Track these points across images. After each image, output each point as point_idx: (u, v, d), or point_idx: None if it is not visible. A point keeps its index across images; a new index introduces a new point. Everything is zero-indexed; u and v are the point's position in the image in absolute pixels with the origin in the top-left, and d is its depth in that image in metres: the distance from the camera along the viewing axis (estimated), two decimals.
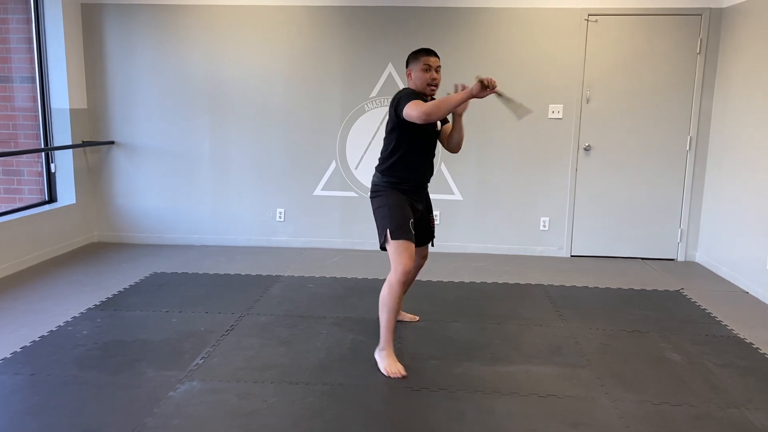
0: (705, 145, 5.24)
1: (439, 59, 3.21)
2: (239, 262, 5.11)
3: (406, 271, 3.04)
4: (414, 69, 3.17)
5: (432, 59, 3.15)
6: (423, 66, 3.13)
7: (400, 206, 3.13)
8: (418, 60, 3.15)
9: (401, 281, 3.05)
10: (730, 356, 3.36)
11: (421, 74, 3.14)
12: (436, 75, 3.15)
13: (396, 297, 3.06)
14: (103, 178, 5.69)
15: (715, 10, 5.06)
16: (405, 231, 3.08)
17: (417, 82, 3.17)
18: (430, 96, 3.20)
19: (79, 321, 3.75)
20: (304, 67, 5.44)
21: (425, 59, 3.14)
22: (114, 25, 5.46)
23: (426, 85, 3.15)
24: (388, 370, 3.06)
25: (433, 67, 3.15)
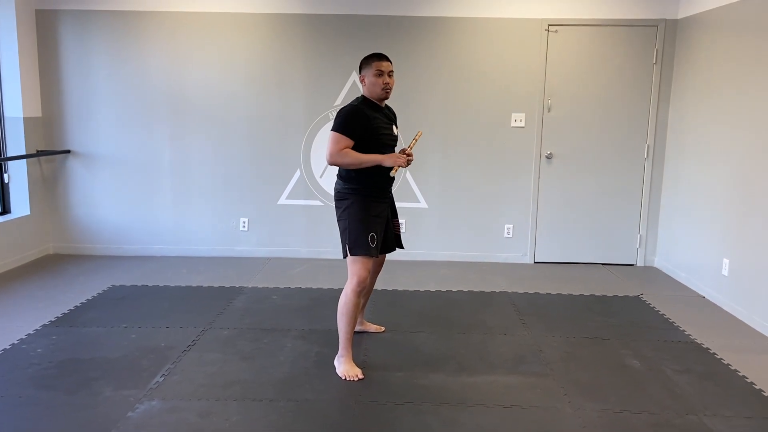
0: (662, 153, 5.36)
1: (392, 64, 3.22)
2: (201, 274, 5.02)
3: (361, 282, 3.14)
4: (367, 74, 3.19)
5: (384, 64, 3.17)
6: (375, 71, 3.16)
7: (360, 220, 3.16)
8: (370, 66, 3.18)
9: (356, 291, 3.15)
10: (688, 362, 3.43)
11: (374, 80, 3.17)
12: (389, 80, 3.18)
13: (353, 306, 3.15)
14: (59, 188, 5.53)
15: (670, 21, 5.20)
16: (362, 246, 3.14)
17: (371, 87, 3.20)
18: (384, 100, 3.26)
19: (33, 338, 3.62)
20: (267, 74, 5.39)
21: (377, 64, 3.16)
22: (70, 32, 5.32)
23: (380, 90, 3.18)
24: (346, 374, 3.15)
25: (386, 72, 3.17)
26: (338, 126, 3.10)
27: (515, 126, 5.39)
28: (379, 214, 3.25)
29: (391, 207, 3.43)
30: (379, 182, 3.22)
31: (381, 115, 3.24)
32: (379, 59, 3.18)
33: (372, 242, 3.17)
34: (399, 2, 5.26)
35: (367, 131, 3.12)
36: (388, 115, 3.35)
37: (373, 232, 3.18)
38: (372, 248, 3.17)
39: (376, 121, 3.17)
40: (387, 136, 3.24)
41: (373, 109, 3.20)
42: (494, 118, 5.39)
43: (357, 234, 3.15)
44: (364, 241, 3.14)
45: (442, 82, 5.35)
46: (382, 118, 3.24)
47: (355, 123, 3.10)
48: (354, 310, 3.16)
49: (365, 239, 3.15)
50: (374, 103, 3.23)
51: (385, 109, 3.32)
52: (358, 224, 3.16)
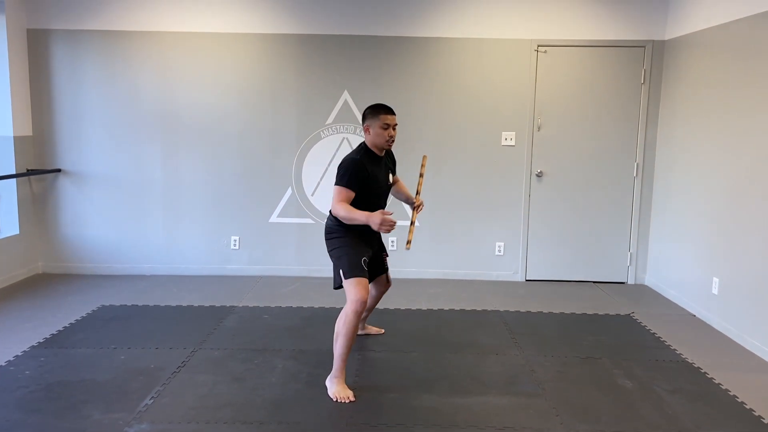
0: (651, 171, 5.41)
1: (396, 116, 3.41)
2: (192, 293, 4.99)
3: (361, 302, 3.19)
4: (372, 126, 3.35)
5: (390, 118, 3.36)
6: (382, 124, 3.34)
7: (353, 246, 3.35)
8: (377, 118, 3.35)
9: (358, 312, 3.18)
10: (679, 381, 3.44)
11: (380, 131, 3.34)
12: (393, 132, 3.37)
13: (352, 327, 3.18)
14: (48, 207, 5.50)
15: (657, 43, 5.27)
16: (358, 269, 3.28)
17: (375, 138, 3.36)
18: (382, 152, 3.45)
19: (21, 360, 3.58)
20: (258, 94, 5.41)
21: (384, 118, 3.34)
22: (61, 51, 5.33)
23: (384, 142, 3.37)
24: (337, 396, 3.16)
25: (392, 125, 3.36)
26: (341, 180, 3.27)
27: (506, 144, 5.43)
28: (366, 245, 3.45)
29: (379, 244, 3.66)
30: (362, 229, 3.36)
31: (380, 166, 3.43)
32: (387, 112, 3.36)
33: (365, 265, 3.34)
34: (390, 23, 5.31)
35: (364, 183, 3.30)
36: (387, 163, 3.54)
37: (365, 257, 3.37)
38: (366, 270, 3.33)
39: (374, 174, 3.35)
40: (380, 187, 3.44)
41: (373, 161, 3.38)
42: (485, 137, 5.43)
43: (351, 258, 3.30)
44: (358, 263, 3.30)
45: (433, 102, 5.39)
46: (381, 169, 3.43)
47: (355, 176, 3.26)
48: (353, 332, 3.19)
49: (359, 261, 3.31)
50: (374, 153, 3.40)
51: (384, 158, 3.50)
52: (351, 249, 3.33)
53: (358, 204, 3.28)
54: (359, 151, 3.38)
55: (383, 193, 3.50)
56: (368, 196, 3.34)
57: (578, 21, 5.28)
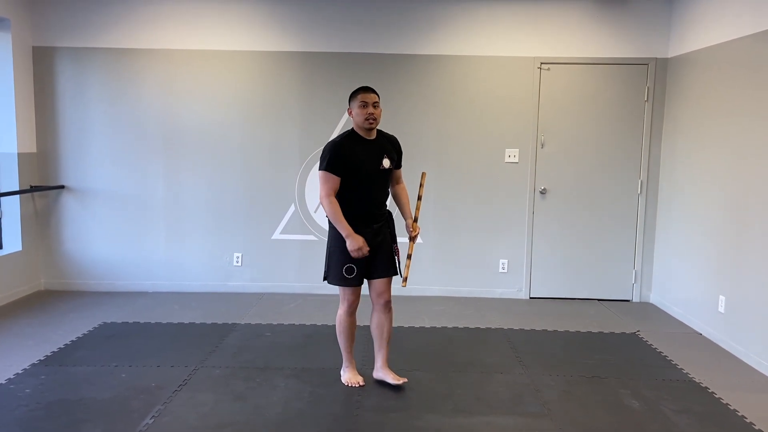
0: (655, 189, 5.39)
1: (378, 96, 3.32)
2: (194, 310, 4.96)
3: (350, 306, 3.42)
4: (353, 107, 3.30)
5: (368, 95, 3.27)
6: (360, 103, 3.27)
7: (337, 249, 3.35)
8: (356, 98, 3.29)
9: (348, 312, 3.44)
10: (686, 402, 3.39)
11: (358, 110, 3.27)
12: (372, 110, 3.26)
13: (347, 324, 3.45)
14: (51, 223, 5.49)
15: (660, 60, 5.28)
16: (336, 277, 3.37)
17: (356, 118, 3.30)
18: (369, 130, 3.32)
19: (21, 378, 3.55)
20: (262, 111, 5.42)
21: (362, 96, 3.27)
22: (66, 69, 5.36)
23: (363, 120, 3.27)
24: (348, 381, 3.49)
25: (370, 103, 3.26)
26: (322, 163, 3.26)
27: (509, 161, 5.43)
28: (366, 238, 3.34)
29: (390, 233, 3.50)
30: (359, 215, 3.34)
31: (368, 148, 3.31)
32: (364, 91, 3.29)
33: (349, 273, 3.34)
34: (393, 41, 5.33)
35: (347, 166, 3.24)
36: (383, 146, 3.38)
37: (351, 263, 3.33)
38: (350, 279, 3.35)
39: (357, 155, 3.26)
40: (371, 171, 3.31)
41: (359, 142, 3.30)
42: (488, 154, 5.42)
43: (333, 264, 3.38)
44: (338, 272, 3.35)
45: (436, 119, 5.40)
46: (369, 153, 3.31)
47: (335, 158, 3.23)
48: (348, 329, 3.45)
49: (340, 270, 3.35)
50: (360, 136, 3.32)
51: (378, 141, 3.38)
52: (334, 255, 3.37)
53: (346, 192, 3.27)
54: (342, 134, 3.36)
55: (375, 181, 3.33)
56: (356, 182, 3.27)
57: (581, 39, 5.30)
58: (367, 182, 3.31)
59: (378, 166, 3.33)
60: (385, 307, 3.47)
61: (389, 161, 3.37)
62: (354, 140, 3.30)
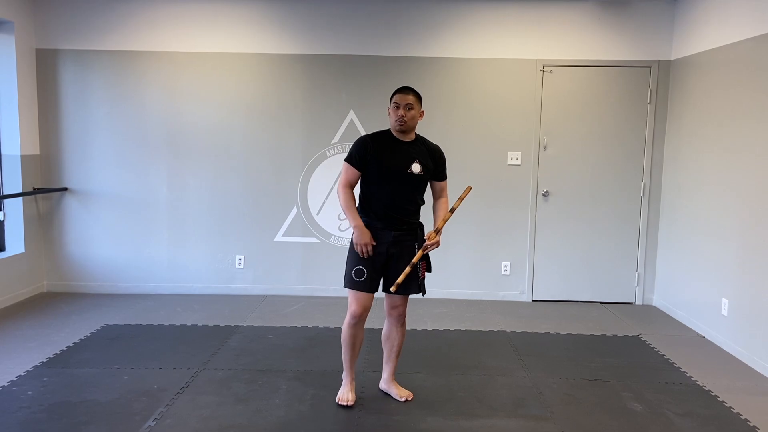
0: (658, 191, 5.38)
1: (414, 95, 3.20)
2: (196, 312, 4.97)
3: (353, 316, 3.20)
4: (390, 107, 3.23)
5: (400, 96, 3.18)
6: (393, 104, 3.19)
7: (353, 255, 3.21)
8: (391, 98, 3.23)
9: (350, 324, 3.22)
10: (690, 405, 3.38)
11: (391, 111, 3.21)
12: (403, 113, 3.14)
13: (348, 337, 3.24)
14: (54, 225, 5.50)
15: (663, 63, 5.28)
16: (350, 281, 3.21)
17: (390, 119, 3.23)
18: (401, 132, 3.20)
19: (24, 380, 3.55)
20: (264, 113, 5.43)
21: (396, 97, 3.20)
22: (69, 71, 5.37)
23: (394, 122, 3.19)
24: (339, 398, 3.30)
25: (402, 105, 3.15)
26: (347, 155, 3.23)
27: (511, 164, 5.42)
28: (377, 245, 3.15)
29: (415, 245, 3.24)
30: (376, 215, 3.17)
31: (398, 149, 3.17)
32: (399, 92, 3.20)
33: (358, 276, 3.15)
34: (396, 43, 5.33)
35: (369, 162, 3.16)
36: (418, 150, 3.20)
37: (362, 266, 3.15)
38: (358, 282, 3.15)
39: (383, 153, 3.14)
40: (396, 172, 3.14)
41: (390, 141, 3.20)
42: (490, 156, 5.42)
43: (348, 268, 3.24)
44: (348, 273, 3.22)
45: (440, 121, 5.40)
46: (399, 152, 3.16)
47: (356, 151, 3.19)
48: (350, 341, 3.24)
49: (350, 272, 3.21)
50: (393, 135, 3.22)
51: (414, 144, 3.22)
52: (349, 256, 3.25)
53: (368, 187, 3.20)
54: (379, 130, 3.28)
55: (399, 182, 3.15)
56: (378, 179, 3.15)
57: (584, 41, 5.30)
58: (390, 182, 3.15)
59: (405, 168, 3.15)
60: (398, 320, 3.32)
61: (420, 167, 3.17)
62: (385, 138, 3.21)
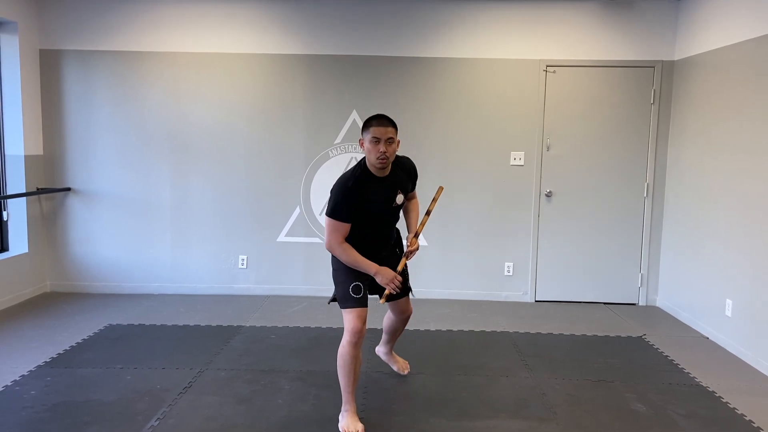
0: (662, 192, 5.37)
1: (394, 127, 2.93)
2: (199, 312, 4.97)
3: (355, 333, 2.99)
4: (365, 140, 2.92)
5: (380, 130, 2.87)
6: (372, 138, 2.88)
7: (344, 271, 3.08)
8: (368, 130, 2.90)
9: (352, 343, 2.99)
10: (693, 406, 3.37)
11: (370, 146, 2.89)
12: (385, 148, 2.86)
13: (350, 358, 2.99)
14: (57, 225, 5.51)
15: (667, 63, 5.27)
16: (347, 300, 3.05)
17: (368, 155, 2.93)
18: (380, 169, 2.96)
19: (27, 380, 3.56)
20: (267, 113, 5.43)
21: (375, 131, 2.87)
22: (73, 71, 5.38)
23: (375, 159, 2.89)
24: (345, 429, 2.98)
25: (383, 139, 2.86)
26: (330, 210, 2.92)
27: (514, 164, 5.41)
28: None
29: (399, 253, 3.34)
30: (365, 244, 3.08)
31: (381, 187, 3.00)
32: (378, 124, 2.88)
33: (356, 292, 3.04)
34: (399, 43, 5.33)
35: (357, 211, 2.94)
36: (397, 181, 3.08)
37: (358, 281, 3.05)
38: (357, 299, 3.03)
39: (368, 197, 2.95)
40: (383, 210, 3.06)
41: (371, 181, 2.96)
42: (493, 157, 5.41)
43: (342, 288, 3.07)
44: (347, 293, 3.05)
45: (442, 121, 5.39)
46: (383, 191, 3.01)
47: (344, 205, 2.90)
48: (352, 363, 2.98)
49: (348, 291, 3.05)
50: (372, 173, 2.97)
51: (391, 176, 3.05)
52: (344, 277, 3.08)
53: (356, 227, 2.98)
54: (354, 172, 2.95)
55: (385, 217, 3.11)
56: (365, 221, 3.00)
57: (587, 41, 5.29)
58: (377, 220, 3.06)
59: (390, 204, 3.06)
60: (406, 320, 3.53)
61: (403, 196, 3.11)
62: (366, 179, 2.94)
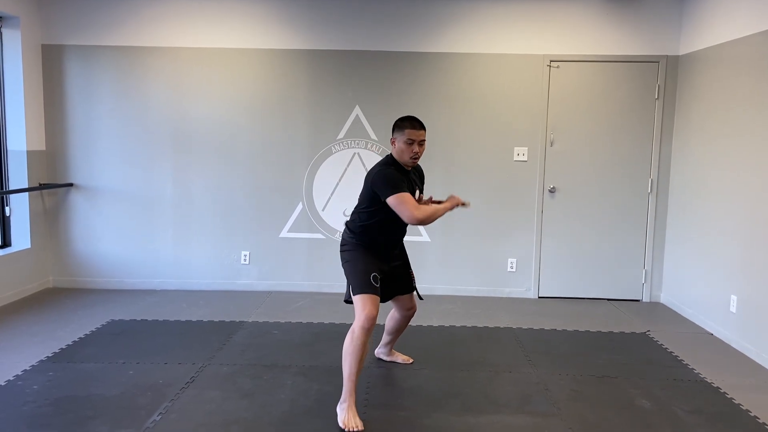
0: (666, 188, 5.34)
1: (425, 131, 3.21)
2: (202, 308, 4.96)
3: (369, 318, 3.03)
4: (398, 140, 3.18)
5: (417, 133, 3.15)
6: (407, 140, 3.14)
7: (363, 260, 3.22)
8: (403, 132, 3.16)
9: (364, 328, 3.01)
10: (698, 402, 3.35)
11: (404, 146, 3.16)
12: (418, 149, 3.16)
13: (360, 344, 3.01)
14: (60, 221, 5.51)
15: (671, 58, 5.23)
16: (366, 285, 3.13)
17: (399, 153, 3.19)
18: (411, 167, 3.25)
19: (29, 375, 3.55)
20: (270, 109, 5.42)
21: (410, 133, 3.15)
22: (75, 66, 5.37)
23: (408, 158, 3.18)
24: (346, 424, 2.96)
25: (417, 141, 3.15)
26: (395, 188, 3.04)
27: (518, 160, 5.39)
28: (380, 260, 3.29)
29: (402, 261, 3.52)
30: (381, 242, 3.30)
31: (407, 179, 3.23)
32: (413, 127, 3.16)
33: (375, 282, 3.16)
34: (402, 38, 5.31)
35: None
36: (414, 179, 3.33)
37: (375, 272, 3.19)
38: (376, 287, 3.15)
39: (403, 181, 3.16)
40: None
41: (401, 173, 3.19)
42: (497, 152, 5.39)
43: (360, 274, 3.17)
44: (366, 279, 3.15)
45: (445, 117, 5.37)
46: (408, 182, 3.22)
47: (400, 179, 3.09)
48: (361, 350, 3.00)
49: (368, 278, 3.15)
50: (401, 166, 3.22)
51: (411, 173, 3.31)
52: (360, 265, 3.20)
53: (379, 222, 3.19)
54: (386, 162, 3.22)
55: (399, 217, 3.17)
56: (390, 211, 3.09)
57: (591, 36, 5.26)
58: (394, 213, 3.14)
59: (413, 195, 3.24)
60: (410, 317, 3.64)
61: (418, 192, 3.34)
62: (398, 170, 3.18)
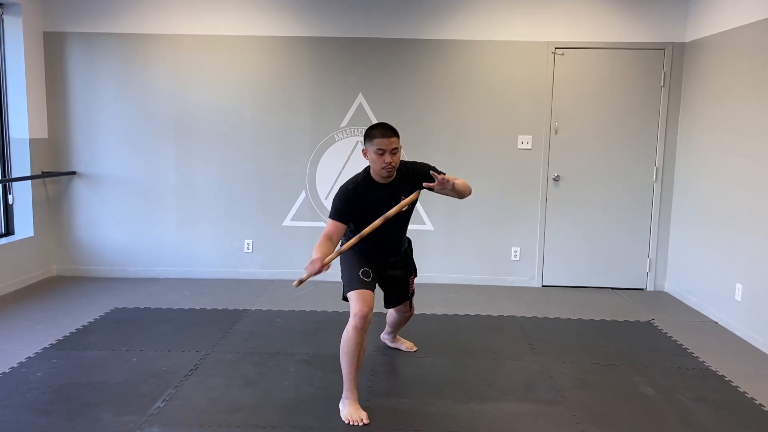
0: (671, 176, 5.31)
1: (397, 136, 2.95)
2: (205, 296, 4.96)
3: (362, 317, 2.93)
4: (369, 150, 2.97)
5: (386, 141, 2.90)
6: (377, 149, 2.91)
7: (352, 260, 3.15)
8: (372, 142, 2.93)
9: (358, 328, 2.93)
10: (703, 390, 3.34)
11: (374, 157, 2.94)
12: (390, 158, 2.91)
13: (354, 344, 2.94)
14: (63, 209, 5.50)
15: (677, 45, 5.19)
16: (356, 282, 3.06)
17: (372, 165, 3.00)
18: (387, 179, 3.03)
19: (33, 362, 3.56)
20: (273, 97, 5.39)
21: (379, 142, 2.90)
22: (77, 54, 5.34)
23: (380, 169, 2.95)
24: (349, 418, 2.92)
25: (388, 150, 2.90)
26: (332, 210, 3.03)
27: (522, 148, 5.36)
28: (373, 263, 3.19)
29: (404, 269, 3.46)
30: (370, 251, 3.18)
31: (382, 194, 3.03)
32: (382, 135, 2.90)
33: (366, 276, 3.08)
34: (405, 25, 5.27)
35: (355, 215, 3.02)
36: (400, 187, 3.05)
37: (366, 267, 3.11)
38: (367, 282, 3.06)
39: (368, 204, 3.00)
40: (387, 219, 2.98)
41: (373, 188, 3.03)
42: (501, 140, 5.36)
43: (350, 272, 3.10)
44: (356, 275, 3.07)
45: (449, 105, 5.34)
46: (384, 197, 3.02)
47: (343, 208, 2.99)
48: (355, 350, 2.94)
49: (357, 275, 3.07)
50: (376, 180, 3.03)
51: (395, 182, 3.06)
52: (350, 263, 3.14)
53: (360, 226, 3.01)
54: (358, 178, 3.05)
55: (393, 223, 3.03)
56: (366, 225, 2.97)
57: (596, 23, 5.21)
58: (382, 229, 2.99)
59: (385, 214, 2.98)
60: (408, 318, 3.70)
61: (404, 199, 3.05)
62: (368, 186, 3.01)
